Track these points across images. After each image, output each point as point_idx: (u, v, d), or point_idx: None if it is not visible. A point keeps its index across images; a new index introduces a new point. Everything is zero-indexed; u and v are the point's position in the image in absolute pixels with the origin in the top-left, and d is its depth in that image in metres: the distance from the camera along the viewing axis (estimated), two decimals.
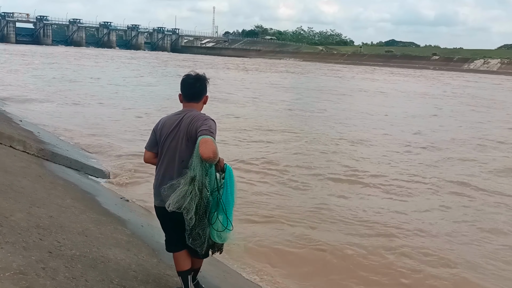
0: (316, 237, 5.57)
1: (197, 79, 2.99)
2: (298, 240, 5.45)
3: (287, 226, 5.89)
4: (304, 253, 5.19)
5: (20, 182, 4.72)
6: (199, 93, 2.99)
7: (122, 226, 4.57)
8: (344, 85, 34.62)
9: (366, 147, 11.57)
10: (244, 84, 30.20)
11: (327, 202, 6.93)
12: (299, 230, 5.74)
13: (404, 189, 7.86)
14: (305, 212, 6.43)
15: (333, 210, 6.57)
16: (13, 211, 3.43)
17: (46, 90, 19.77)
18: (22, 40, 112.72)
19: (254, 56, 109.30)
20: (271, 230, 5.76)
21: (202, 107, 3.06)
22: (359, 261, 5.06)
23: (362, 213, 6.55)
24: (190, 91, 2.98)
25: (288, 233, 5.67)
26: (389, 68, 76.20)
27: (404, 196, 7.55)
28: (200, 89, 2.98)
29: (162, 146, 2.92)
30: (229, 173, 2.93)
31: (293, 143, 11.46)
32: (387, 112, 18.69)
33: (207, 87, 3.04)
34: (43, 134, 10.04)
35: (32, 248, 2.80)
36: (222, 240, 2.93)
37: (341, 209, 6.68)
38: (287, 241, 5.42)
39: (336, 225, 6.05)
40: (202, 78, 3.00)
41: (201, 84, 2.99)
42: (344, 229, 5.92)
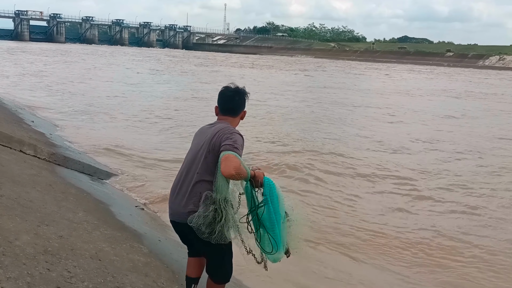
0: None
1: (237, 92, 2.83)
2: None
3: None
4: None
5: (29, 194, 4.36)
6: (237, 107, 2.83)
7: (139, 243, 4.19)
8: (370, 85, 33.34)
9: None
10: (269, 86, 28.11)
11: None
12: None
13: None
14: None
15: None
16: (19, 233, 3.06)
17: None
18: (35, 38, 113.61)
19: (265, 53, 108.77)
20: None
21: (238, 122, 2.89)
22: None
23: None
24: (227, 105, 2.82)
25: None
26: (404, 65, 75.05)
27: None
28: (238, 103, 2.83)
29: (186, 156, 2.81)
30: (269, 188, 2.58)
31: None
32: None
33: (246, 102, 2.87)
34: (56, 135, 9.76)
35: (38, 283, 2.42)
36: (274, 260, 2.73)
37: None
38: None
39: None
40: (241, 92, 2.84)
41: (240, 98, 2.83)
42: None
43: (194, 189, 2.64)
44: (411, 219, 6.41)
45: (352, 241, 5.55)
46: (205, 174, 2.63)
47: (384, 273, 4.85)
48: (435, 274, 4.87)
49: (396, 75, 48.47)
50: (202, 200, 2.57)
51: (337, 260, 5.07)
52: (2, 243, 2.74)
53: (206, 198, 2.56)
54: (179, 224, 2.74)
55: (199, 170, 2.64)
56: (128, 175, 7.66)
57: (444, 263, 5.13)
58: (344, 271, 4.85)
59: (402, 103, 21.46)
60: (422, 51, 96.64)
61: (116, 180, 7.35)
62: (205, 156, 2.63)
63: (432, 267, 5.01)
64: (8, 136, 6.91)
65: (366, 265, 5.02)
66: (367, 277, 4.77)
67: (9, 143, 6.68)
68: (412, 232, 5.91)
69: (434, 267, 5.00)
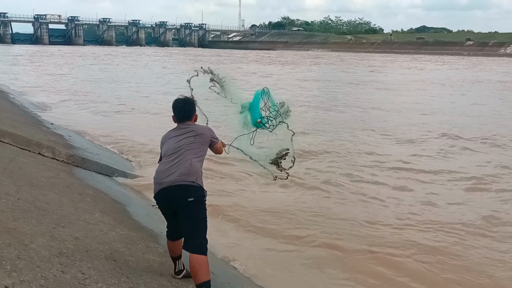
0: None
1: (185, 102, 3.43)
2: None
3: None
4: None
5: (46, 196, 4.42)
6: (189, 113, 3.41)
7: (154, 243, 4.21)
8: (393, 77, 32.42)
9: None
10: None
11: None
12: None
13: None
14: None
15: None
16: (34, 236, 3.09)
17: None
18: (55, 41, 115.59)
19: (281, 48, 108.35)
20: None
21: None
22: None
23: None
24: (181, 114, 3.40)
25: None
26: (423, 55, 73.70)
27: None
28: (189, 110, 3.41)
29: (167, 149, 3.29)
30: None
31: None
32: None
33: (195, 108, 3.46)
34: (74, 137, 9.89)
35: (51, 286, 2.44)
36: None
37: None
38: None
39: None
40: (189, 101, 3.45)
41: (190, 106, 3.42)
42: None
43: (184, 162, 3.18)
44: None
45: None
46: (195, 154, 3.26)
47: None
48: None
49: (422, 66, 47.10)
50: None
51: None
52: (17, 246, 2.78)
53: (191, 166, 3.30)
54: (168, 191, 3.14)
55: (189, 153, 3.22)
56: (146, 175, 7.70)
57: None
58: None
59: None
60: (441, 41, 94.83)
61: (134, 179, 7.40)
62: (194, 138, 3.29)
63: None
64: (26, 139, 7.02)
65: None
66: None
67: (28, 146, 6.80)
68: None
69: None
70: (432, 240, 5.30)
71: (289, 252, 5.02)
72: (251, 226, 5.64)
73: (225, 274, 4.15)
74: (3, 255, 2.56)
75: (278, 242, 5.22)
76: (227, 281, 3.96)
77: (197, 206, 3.14)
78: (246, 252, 4.92)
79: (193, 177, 3.16)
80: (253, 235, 5.40)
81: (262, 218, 5.87)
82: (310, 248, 5.07)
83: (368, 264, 4.74)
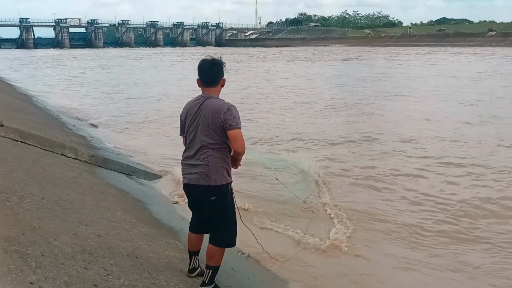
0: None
1: (213, 63, 3.06)
2: None
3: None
4: None
5: (69, 195, 4.52)
6: (216, 77, 3.08)
7: (175, 240, 4.27)
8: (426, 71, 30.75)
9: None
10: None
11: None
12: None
13: None
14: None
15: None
16: (58, 234, 3.17)
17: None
18: (75, 44, 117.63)
19: (298, 44, 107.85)
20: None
21: (220, 90, 3.17)
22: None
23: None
24: (207, 77, 3.07)
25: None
26: (443, 48, 72.25)
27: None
28: (217, 73, 3.07)
29: (186, 132, 3.11)
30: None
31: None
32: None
33: (224, 70, 3.12)
34: (96, 138, 10.07)
35: (75, 282, 2.50)
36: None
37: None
38: None
39: None
40: (218, 63, 3.08)
41: (217, 68, 3.07)
42: None
43: (202, 154, 2.99)
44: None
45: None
46: (210, 144, 2.99)
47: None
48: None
49: (444, 58, 45.92)
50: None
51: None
52: (42, 244, 2.85)
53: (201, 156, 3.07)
54: (191, 187, 3.05)
55: (203, 143, 2.98)
56: (166, 174, 7.79)
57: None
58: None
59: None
60: (462, 32, 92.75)
61: (155, 178, 7.50)
62: (206, 129, 2.97)
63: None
64: (50, 141, 7.19)
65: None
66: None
67: (52, 148, 6.96)
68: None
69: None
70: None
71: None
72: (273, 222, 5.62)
73: (244, 270, 4.18)
74: (28, 252, 2.63)
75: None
76: (246, 277, 3.99)
77: (222, 202, 3.03)
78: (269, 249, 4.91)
79: (212, 178, 2.98)
80: (274, 233, 5.38)
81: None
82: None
83: None
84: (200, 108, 3.01)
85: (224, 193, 3.02)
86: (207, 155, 2.98)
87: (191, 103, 3.11)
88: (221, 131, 2.94)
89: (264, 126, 12.08)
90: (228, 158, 3.06)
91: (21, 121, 8.25)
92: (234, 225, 3.13)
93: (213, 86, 3.09)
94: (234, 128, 2.90)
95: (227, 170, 3.05)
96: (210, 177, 2.97)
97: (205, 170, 2.97)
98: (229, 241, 3.12)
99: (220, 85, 3.13)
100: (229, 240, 3.12)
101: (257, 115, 13.82)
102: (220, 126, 2.92)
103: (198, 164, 3.00)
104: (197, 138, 3.02)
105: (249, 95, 18.86)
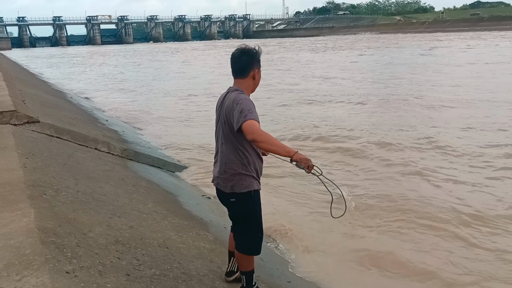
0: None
1: (243, 51, 2.74)
2: None
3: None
4: None
5: (102, 188, 4.66)
6: (245, 67, 2.73)
7: (205, 231, 4.35)
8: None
9: None
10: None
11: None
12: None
13: None
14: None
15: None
16: (92, 225, 3.29)
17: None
18: (106, 41, 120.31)
19: (327, 34, 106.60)
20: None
21: (250, 83, 2.79)
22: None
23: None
24: (236, 66, 2.76)
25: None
26: (478, 33, 69.64)
27: None
28: (246, 63, 2.73)
29: (215, 127, 2.90)
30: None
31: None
32: None
33: (256, 60, 2.75)
34: (128, 132, 10.31)
35: (108, 271, 2.60)
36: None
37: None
38: None
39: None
40: (248, 51, 2.73)
41: (247, 58, 2.73)
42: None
43: (222, 157, 2.78)
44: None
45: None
46: (226, 144, 2.76)
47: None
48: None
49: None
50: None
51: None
52: (77, 235, 2.97)
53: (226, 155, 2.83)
54: (216, 187, 2.89)
55: (223, 141, 2.76)
56: (196, 167, 7.91)
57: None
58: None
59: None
60: (498, 16, 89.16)
61: (185, 170, 7.63)
62: (224, 127, 2.74)
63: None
64: (84, 136, 7.42)
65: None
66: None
67: (85, 142, 7.17)
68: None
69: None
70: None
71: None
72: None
73: (273, 260, 4.21)
74: (64, 243, 2.74)
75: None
76: (275, 267, 4.02)
77: (243, 204, 2.77)
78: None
79: (228, 186, 2.74)
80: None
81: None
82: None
83: None
84: (222, 103, 2.76)
85: (245, 194, 2.75)
86: (225, 159, 2.75)
87: (220, 96, 2.87)
88: (232, 129, 2.65)
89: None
90: (250, 163, 2.74)
91: (56, 117, 8.52)
92: (259, 231, 2.86)
93: (241, 78, 2.75)
94: (242, 122, 2.52)
95: (248, 176, 2.73)
96: (226, 185, 2.76)
97: (222, 176, 2.77)
98: (250, 248, 2.86)
99: (251, 77, 2.76)
100: (250, 247, 2.86)
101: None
102: (231, 123, 2.64)
103: (218, 163, 2.82)
104: (218, 136, 2.83)
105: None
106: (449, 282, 3.97)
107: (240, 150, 2.70)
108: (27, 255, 2.46)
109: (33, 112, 7.43)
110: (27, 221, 2.92)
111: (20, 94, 9.96)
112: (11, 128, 6.16)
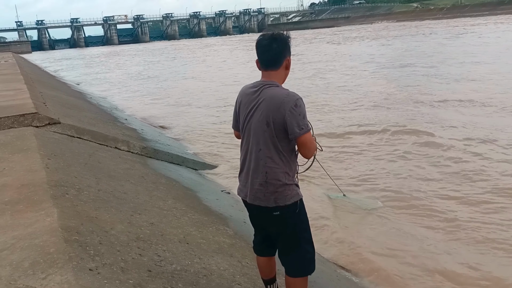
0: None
1: (273, 38, 2.38)
2: None
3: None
4: None
5: (123, 186, 4.74)
6: (277, 56, 2.38)
7: (224, 226, 4.38)
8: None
9: None
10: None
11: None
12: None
13: None
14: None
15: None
16: (114, 223, 3.35)
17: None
18: (123, 41, 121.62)
19: (343, 24, 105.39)
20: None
21: (283, 74, 2.46)
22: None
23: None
24: (266, 56, 2.39)
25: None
26: (500, 16, 67.55)
27: None
28: (277, 51, 2.37)
29: (241, 127, 2.48)
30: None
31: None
32: None
33: (288, 47, 2.42)
34: (146, 130, 10.43)
35: (130, 268, 2.65)
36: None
37: None
38: None
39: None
40: (278, 37, 2.38)
41: (279, 45, 2.37)
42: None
43: (258, 166, 2.38)
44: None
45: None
46: (266, 149, 2.35)
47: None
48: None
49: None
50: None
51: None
52: (99, 233, 3.03)
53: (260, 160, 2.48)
54: (249, 204, 2.49)
55: (261, 143, 2.36)
56: (215, 163, 7.97)
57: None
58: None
59: None
60: None
61: (203, 167, 7.70)
62: (264, 129, 2.33)
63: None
64: (104, 135, 7.54)
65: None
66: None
67: (105, 141, 7.29)
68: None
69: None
70: None
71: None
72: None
73: None
74: (87, 241, 2.80)
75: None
76: None
77: (288, 217, 2.41)
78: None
79: (272, 199, 2.35)
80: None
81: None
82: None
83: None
84: (258, 100, 2.36)
85: (290, 206, 2.39)
86: (265, 167, 2.35)
87: (246, 90, 2.47)
88: (285, 134, 2.29)
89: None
90: (293, 170, 2.43)
91: (76, 118, 8.68)
92: (309, 243, 2.50)
93: (274, 69, 2.40)
94: (304, 132, 2.26)
95: (292, 185, 2.39)
96: (269, 198, 2.36)
97: (263, 189, 2.36)
98: (304, 266, 2.50)
99: (284, 67, 2.43)
100: (304, 266, 2.50)
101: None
102: (284, 128, 2.27)
103: (254, 173, 2.39)
104: (253, 140, 2.39)
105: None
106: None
107: (284, 157, 2.36)
108: (51, 253, 2.53)
109: (54, 114, 7.57)
110: (51, 221, 2.99)
111: (41, 96, 10.17)
112: (33, 130, 6.29)
